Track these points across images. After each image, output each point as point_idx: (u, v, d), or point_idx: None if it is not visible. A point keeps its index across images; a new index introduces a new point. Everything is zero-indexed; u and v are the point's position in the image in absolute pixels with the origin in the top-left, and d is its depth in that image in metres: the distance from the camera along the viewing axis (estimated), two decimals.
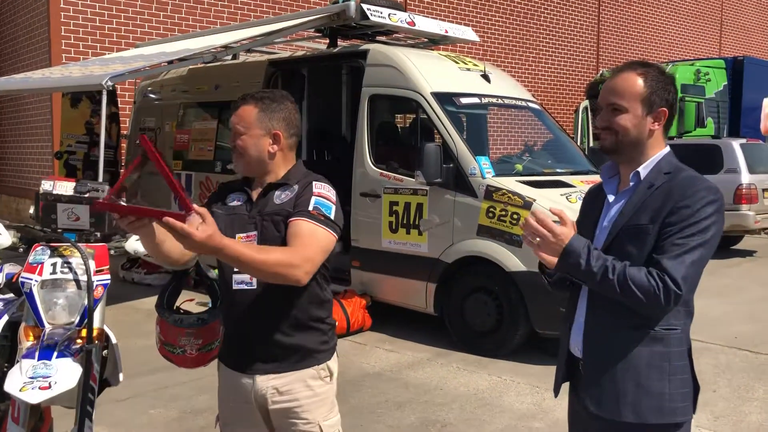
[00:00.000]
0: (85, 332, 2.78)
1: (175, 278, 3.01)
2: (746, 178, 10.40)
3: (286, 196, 2.25)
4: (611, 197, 2.11)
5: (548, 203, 5.49)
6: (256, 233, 2.22)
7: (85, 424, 2.75)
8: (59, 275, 2.86)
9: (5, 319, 3.02)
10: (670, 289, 1.87)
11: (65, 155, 9.53)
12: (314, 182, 2.26)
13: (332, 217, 2.21)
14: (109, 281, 2.94)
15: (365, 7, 6.77)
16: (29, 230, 3.23)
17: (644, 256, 1.95)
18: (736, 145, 10.74)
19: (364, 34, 7.58)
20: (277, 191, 2.27)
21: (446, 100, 6.42)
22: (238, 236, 2.20)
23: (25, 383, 2.55)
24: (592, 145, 11.84)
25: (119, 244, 3.47)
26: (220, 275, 2.36)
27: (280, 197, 2.25)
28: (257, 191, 2.31)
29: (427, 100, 6.32)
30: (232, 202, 2.33)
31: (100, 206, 2.00)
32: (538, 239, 1.96)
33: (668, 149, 2.09)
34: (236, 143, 2.26)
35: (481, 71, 7.09)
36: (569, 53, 19.22)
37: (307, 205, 2.19)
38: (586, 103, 12.74)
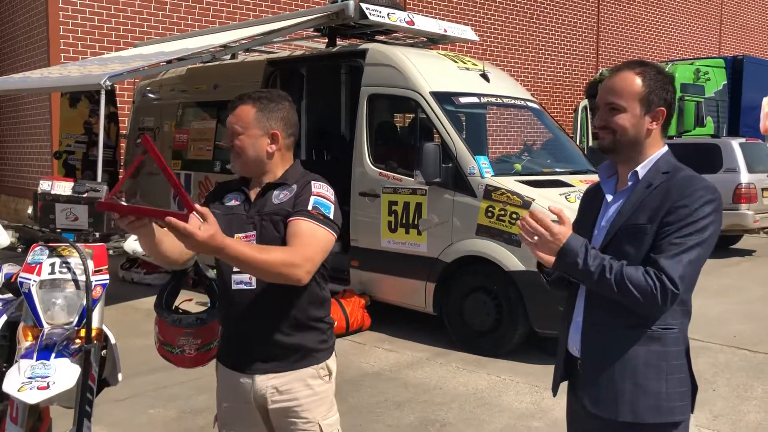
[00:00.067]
0: (83, 332, 2.78)
1: (173, 278, 3.02)
2: (745, 177, 10.39)
3: (284, 195, 2.25)
4: (609, 197, 2.11)
5: (547, 203, 5.49)
6: (254, 233, 2.22)
7: (83, 424, 2.75)
8: (58, 275, 2.86)
9: (4, 319, 3.02)
10: (667, 288, 1.87)
11: (64, 155, 9.53)
12: (312, 182, 2.26)
13: (331, 216, 2.21)
14: (107, 281, 2.93)
15: (364, 6, 6.76)
16: (28, 230, 3.23)
17: (642, 255, 1.95)
18: (735, 144, 10.74)
19: (363, 33, 7.57)
20: (275, 191, 2.27)
21: (445, 99, 6.42)
22: (236, 236, 2.19)
23: (23, 383, 2.55)
24: (591, 144, 11.84)
25: (118, 244, 3.47)
26: (218, 275, 2.35)
27: (278, 197, 2.25)
28: (255, 191, 2.30)
29: (426, 99, 6.31)
30: (229, 201, 2.32)
31: (102, 206, 1.99)
32: (535, 237, 1.96)
33: (666, 149, 2.08)
34: (234, 143, 2.25)
35: (480, 71, 7.09)
36: (569, 52, 19.21)
37: (306, 204, 2.19)
38: (585, 102, 12.75)
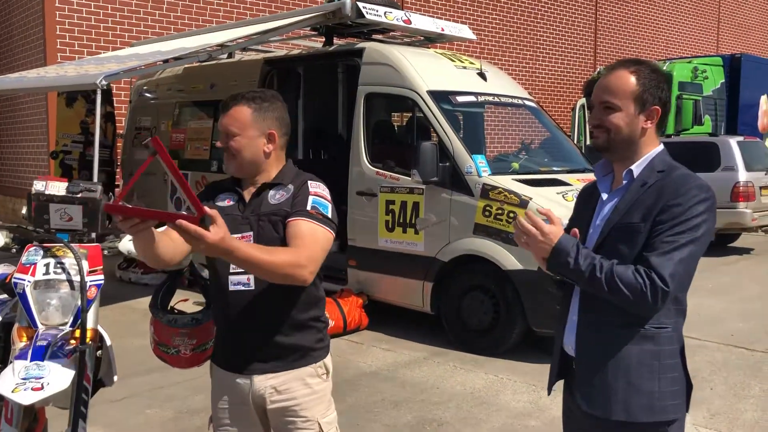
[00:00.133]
0: (78, 333, 2.77)
1: (169, 278, 3.00)
2: (743, 175, 10.40)
3: (281, 196, 2.24)
4: (605, 195, 2.11)
5: (544, 201, 5.49)
6: (251, 233, 2.21)
7: (78, 424, 2.75)
8: (52, 276, 2.85)
9: None
10: (657, 286, 1.86)
11: (61, 155, 9.51)
12: (309, 181, 2.26)
13: (330, 215, 2.21)
14: (102, 282, 2.92)
15: (361, 5, 6.75)
16: (22, 230, 3.22)
17: (636, 254, 1.94)
18: (733, 142, 10.74)
19: (360, 32, 7.56)
20: (271, 191, 2.26)
21: (442, 98, 6.41)
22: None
23: (17, 384, 2.54)
24: (589, 143, 11.84)
25: (113, 244, 3.46)
26: (213, 276, 2.33)
27: (275, 197, 2.24)
28: (249, 191, 2.29)
29: (423, 98, 6.31)
30: (222, 202, 2.30)
31: (110, 209, 1.97)
32: (524, 237, 1.97)
33: (662, 147, 2.08)
34: (230, 144, 2.23)
35: (477, 69, 7.08)
36: (566, 51, 19.21)
37: (305, 204, 2.18)
38: (583, 101, 12.77)
